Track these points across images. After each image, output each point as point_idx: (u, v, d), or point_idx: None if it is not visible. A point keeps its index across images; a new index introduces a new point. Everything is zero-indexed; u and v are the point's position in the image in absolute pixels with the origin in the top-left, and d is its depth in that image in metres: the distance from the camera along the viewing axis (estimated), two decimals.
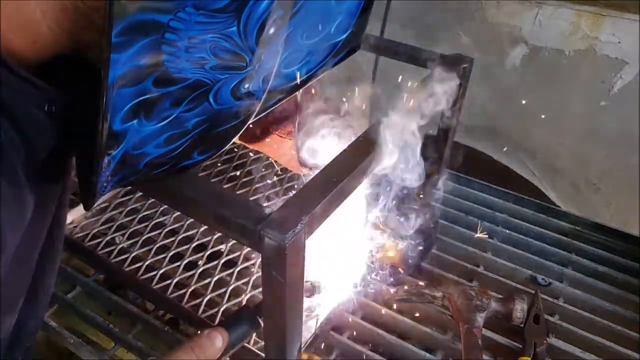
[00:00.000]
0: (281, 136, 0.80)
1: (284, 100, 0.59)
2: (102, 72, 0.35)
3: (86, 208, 0.48)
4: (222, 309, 0.73)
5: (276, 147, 0.83)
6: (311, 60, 0.55)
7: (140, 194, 0.93)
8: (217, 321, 0.71)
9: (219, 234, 0.85)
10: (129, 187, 0.93)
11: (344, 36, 0.57)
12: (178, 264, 0.80)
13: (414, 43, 0.89)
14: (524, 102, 1.48)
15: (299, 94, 0.77)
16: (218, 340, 0.56)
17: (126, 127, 0.41)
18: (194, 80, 0.42)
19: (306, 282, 0.64)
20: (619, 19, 1.25)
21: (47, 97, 0.43)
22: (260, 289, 0.74)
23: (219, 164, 1.01)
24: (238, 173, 0.99)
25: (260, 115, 0.59)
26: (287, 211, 0.49)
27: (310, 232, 0.51)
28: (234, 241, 0.72)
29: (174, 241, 0.84)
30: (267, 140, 0.82)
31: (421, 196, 0.82)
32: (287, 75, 0.54)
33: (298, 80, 0.56)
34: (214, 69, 0.42)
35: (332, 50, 0.57)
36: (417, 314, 0.77)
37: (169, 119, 0.44)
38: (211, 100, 0.45)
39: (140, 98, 0.40)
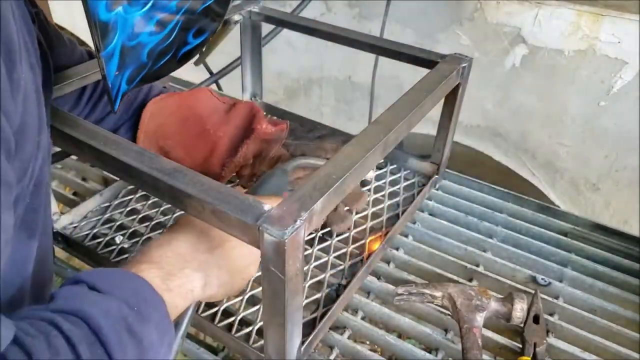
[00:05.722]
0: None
1: None
2: None
3: (113, 110, 0.54)
4: (222, 308, 0.72)
5: None
6: None
7: (141, 193, 0.93)
8: (216, 320, 0.71)
9: None
10: (129, 187, 0.93)
11: None
12: None
13: (414, 43, 0.89)
14: (524, 102, 1.48)
15: None
16: None
17: (114, 16, 0.44)
18: None
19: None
20: (618, 19, 1.26)
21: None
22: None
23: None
24: None
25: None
26: (286, 207, 0.49)
27: (310, 228, 0.51)
28: None
29: None
30: None
31: None
32: None
33: None
34: None
35: None
36: (417, 314, 0.77)
37: (151, 2, 0.47)
38: None
39: None
